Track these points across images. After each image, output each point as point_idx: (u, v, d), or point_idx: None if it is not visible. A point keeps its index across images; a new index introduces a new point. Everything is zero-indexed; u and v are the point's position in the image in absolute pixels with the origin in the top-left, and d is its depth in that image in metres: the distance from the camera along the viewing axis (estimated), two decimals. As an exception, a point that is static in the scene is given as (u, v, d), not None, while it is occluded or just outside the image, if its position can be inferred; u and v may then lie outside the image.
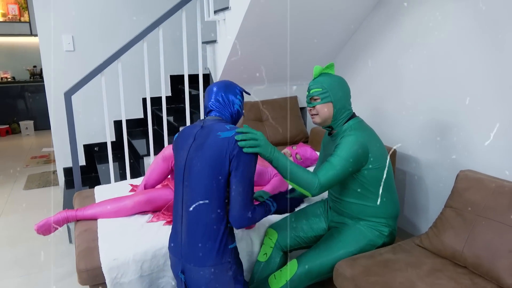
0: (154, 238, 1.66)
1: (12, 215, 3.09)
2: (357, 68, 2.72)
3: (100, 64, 2.33)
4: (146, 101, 3.66)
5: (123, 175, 3.01)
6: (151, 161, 2.62)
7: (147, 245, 1.62)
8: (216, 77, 2.76)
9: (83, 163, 3.49)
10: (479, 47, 1.85)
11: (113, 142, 3.59)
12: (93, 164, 3.51)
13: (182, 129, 1.50)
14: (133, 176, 2.93)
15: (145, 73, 2.49)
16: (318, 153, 2.64)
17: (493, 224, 1.46)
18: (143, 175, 2.84)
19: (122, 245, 1.61)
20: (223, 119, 1.46)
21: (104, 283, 1.56)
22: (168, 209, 1.88)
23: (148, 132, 2.78)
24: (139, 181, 2.31)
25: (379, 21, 2.46)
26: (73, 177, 2.41)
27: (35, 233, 2.75)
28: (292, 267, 1.59)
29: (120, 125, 3.59)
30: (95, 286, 1.58)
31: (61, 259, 2.41)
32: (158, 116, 3.44)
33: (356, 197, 1.63)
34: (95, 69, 2.33)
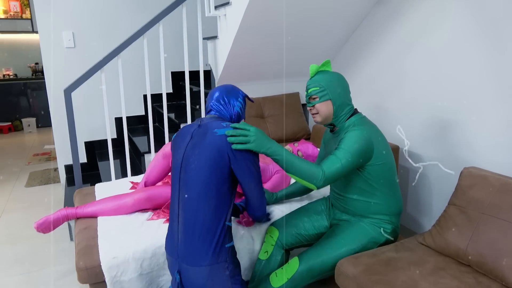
0: (154, 236, 1.65)
1: (14, 212, 3.09)
2: (359, 65, 2.69)
3: (100, 60, 2.31)
4: (146, 98, 3.64)
5: (124, 172, 3.00)
6: (152, 158, 2.61)
7: (147, 243, 1.60)
8: (217, 73, 2.73)
9: (84, 160, 3.49)
10: (481, 43, 1.82)
11: (114, 139, 3.58)
12: (94, 161, 3.50)
13: (180, 128, 1.49)
14: (134, 173, 2.92)
15: (145, 69, 2.47)
16: (320, 150, 2.61)
17: (497, 222, 1.43)
18: (144, 172, 2.83)
19: (122, 243, 1.60)
20: (221, 118, 1.44)
21: (104, 282, 1.55)
22: (168, 206, 1.86)
23: (149, 129, 2.77)
24: (140, 178, 2.30)
25: (381, 18, 2.43)
26: (74, 174, 2.40)
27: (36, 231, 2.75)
28: (293, 265, 1.58)
29: (121, 122, 3.58)
30: (95, 285, 1.57)
31: (62, 257, 2.41)
32: (159, 113, 3.43)
33: (359, 194, 1.61)
34: (95, 65, 2.31)
